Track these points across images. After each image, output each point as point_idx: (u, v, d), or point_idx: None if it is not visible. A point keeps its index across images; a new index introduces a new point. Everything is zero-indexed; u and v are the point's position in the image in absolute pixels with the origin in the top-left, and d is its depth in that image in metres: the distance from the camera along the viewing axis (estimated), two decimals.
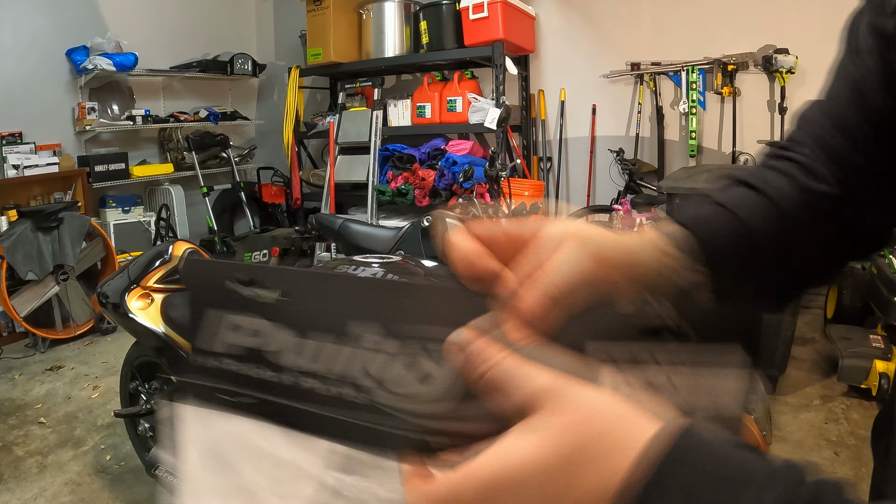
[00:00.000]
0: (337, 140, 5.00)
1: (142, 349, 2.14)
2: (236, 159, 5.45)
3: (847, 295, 3.44)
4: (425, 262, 1.52)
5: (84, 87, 4.52)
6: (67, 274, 3.75)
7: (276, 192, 5.71)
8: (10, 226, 3.64)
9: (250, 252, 4.89)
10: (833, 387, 2.97)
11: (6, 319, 3.80)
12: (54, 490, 2.35)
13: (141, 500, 2.27)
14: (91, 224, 3.92)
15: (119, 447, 2.62)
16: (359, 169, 4.85)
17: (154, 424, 2.17)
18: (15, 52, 4.21)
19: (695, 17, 4.18)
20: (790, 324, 2.78)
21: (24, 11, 4.26)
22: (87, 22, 4.55)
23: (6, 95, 4.15)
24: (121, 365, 2.30)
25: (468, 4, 4.26)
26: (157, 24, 5.13)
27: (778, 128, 4.04)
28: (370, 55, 4.88)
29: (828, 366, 3.19)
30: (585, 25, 4.70)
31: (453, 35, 4.51)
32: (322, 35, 4.81)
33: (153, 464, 1.89)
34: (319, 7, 4.78)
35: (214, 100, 5.65)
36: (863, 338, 2.93)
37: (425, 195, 4.45)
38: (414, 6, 4.78)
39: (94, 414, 2.94)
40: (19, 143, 4.07)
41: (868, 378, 2.76)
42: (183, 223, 4.95)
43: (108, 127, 4.55)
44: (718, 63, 4.11)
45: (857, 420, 2.69)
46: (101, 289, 2.11)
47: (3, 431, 2.81)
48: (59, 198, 4.15)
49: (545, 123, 4.93)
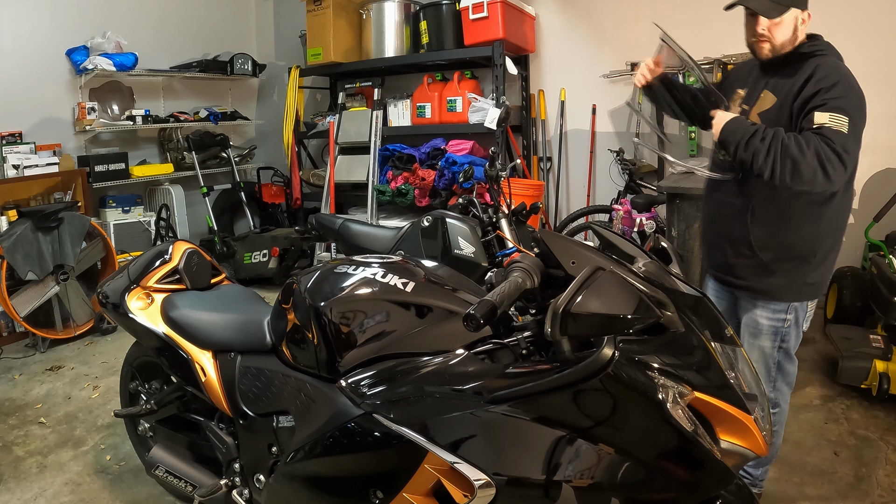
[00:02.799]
0: (337, 140, 5.00)
1: (142, 349, 2.13)
2: (236, 159, 5.46)
3: (847, 295, 3.44)
4: (425, 262, 1.52)
5: (84, 87, 4.53)
6: (67, 274, 3.75)
7: (276, 192, 5.71)
8: (10, 226, 3.64)
9: (250, 252, 4.90)
10: (833, 387, 2.97)
11: (6, 319, 3.80)
12: (54, 490, 2.35)
13: (141, 500, 2.27)
14: (91, 224, 3.92)
15: (119, 447, 2.62)
16: (359, 169, 4.85)
17: (154, 424, 2.17)
18: (15, 52, 4.21)
19: (695, 17, 4.18)
20: None
21: (24, 11, 4.26)
22: (87, 22, 4.55)
23: (6, 95, 4.15)
24: (121, 365, 2.30)
25: (468, 4, 4.26)
26: (157, 24, 5.13)
27: None
28: (370, 55, 4.88)
29: (828, 366, 3.19)
30: (585, 25, 4.70)
31: (453, 35, 4.50)
32: (322, 35, 4.81)
33: (153, 464, 1.88)
34: (319, 7, 4.78)
35: (214, 100, 5.65)
36: (863, 338, 2.93)
37: (425, 195, 4.45)
38: (414, 6, 4.78)
39: (94, 414, 2.94)
40: (19, 143, 4.07)
41: (868, 378, 2.76)
42: (183, 223, 4.95)
43: (108, 127, 4.55)
44: (718, 63, 4.11)
45: (857, 420, 2.69)
46: (101, 289, 2.11)
47: (3, 431, 2.81)
48: (59, 198, 4.15)
49: (545, 123, 4.93)
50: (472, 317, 1.07)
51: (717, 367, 1.13)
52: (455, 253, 2.60)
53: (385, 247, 2.83)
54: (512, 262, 1.23)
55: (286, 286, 1.64)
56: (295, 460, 1.46)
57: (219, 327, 1.80)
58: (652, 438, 1.09)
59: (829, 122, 1.69)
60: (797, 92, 1.78)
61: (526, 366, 1.19)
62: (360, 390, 1.29)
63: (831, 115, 1.69)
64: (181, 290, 2.03)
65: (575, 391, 1.08)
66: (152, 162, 5.06)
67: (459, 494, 1.17)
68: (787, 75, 1.85)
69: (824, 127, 1.67)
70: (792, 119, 1.80)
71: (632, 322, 1.03)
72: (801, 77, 1.80)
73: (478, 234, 2.60)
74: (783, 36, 1.82)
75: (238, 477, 1.77)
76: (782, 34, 1.82)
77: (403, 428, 1.21)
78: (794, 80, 1.81)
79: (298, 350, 1.53)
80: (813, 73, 1.77)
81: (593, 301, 1.03)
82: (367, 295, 1.40)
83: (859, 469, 2.35)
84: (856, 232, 3.97)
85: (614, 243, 1.35)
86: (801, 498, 2.19)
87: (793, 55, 1.84)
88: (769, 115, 1.84)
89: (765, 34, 1.84)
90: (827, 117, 1.70)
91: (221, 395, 1.73)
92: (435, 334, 1.31)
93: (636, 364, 1.07)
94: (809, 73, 1.78)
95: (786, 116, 1.81)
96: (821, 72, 1.77)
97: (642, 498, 1.15)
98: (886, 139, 3.85)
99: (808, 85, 1.76)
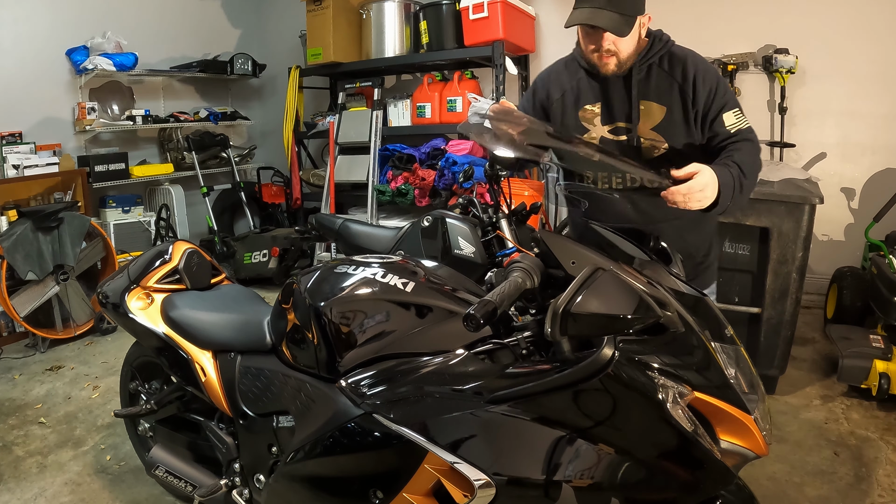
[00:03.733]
0: (337, 140, 5.00)
1: (142, 349, 2.13)
2: (236, 159, 5.46)
3: (847, 295, 3.44)
4: (425, 262, 1.52)
5: (84, 87, 4.52)
6: (67, 274, 3.75)
7: (276, 192, 5.71)
8: (10, 226, 3.64)
9: (250, 252, 4.90)
10: (833, 387, 2.97)
11: (6, 319, 3.80)
12: (54, 490, 2.35)
13: (141, 500, 2.27)
14: (91, 224, 3.92)
15: (119, 447, 2.62)
16: (359, 169, 4.85)
17: (154, 424, 2.17)
18: (15, 52, 4.21)
19: (695, 17, 4.18)
20: (790, 324, 2.78)
21: (24, 11, 4.26)
22: (87, 22, 4.55)
23: (6, 95, 4.15)
24: (121, 365, 2.30)
25: (468, 4, 4.26)
26: (157, 24, 5.13)
27: (778, 128, 4.04)
28: (370, 55, 4.87)
29: (828, 366, 3.19)
30: None
31: (453, 35, 4.50)
32: (322, 35, 4.81)
33: (153, 464, 1.88)
34: (319, 7, 4.78)
35: (214, 100, 5.65)
36: (863, 338, 2.93)
37: (425, 195, 4.45)
38: (414, 6, 4.78)
39: (94, 414, 2.94)
40: (19, 143, 4.07)
41: (868, 378, 2.76)
42: (183, 223, 4.95)
43: (108, 127, 4.55)
44: (718, 63, 4.11)
45: (857, 420, 2.69)
46: (101, 289, 2.11)
47: (3, 431, 2.81)
48: (59, 198, 4.15)
49: None
50: (472, 317, 1.07)
51: (717, 367, 1.13)
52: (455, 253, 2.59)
53: (385, 247, 2.83)
54: (512, 262, 1.23)
55: (286, 286, 1.64)
56: (295, 460, 1.46)
57: (219, 327, 1.80)
58: (652, 438, 1.09)
59: (738, 123, 1.70)
60: (691, 96, 1.68)
61: (526, 366, 1.19)
62: (360, 390, 1.29)
63: (734, 113, 1.69)
64: (181, 290, 2.03)
65: (575, 391, 1.09)
66: (152, 162, 5.05)
67: (459, 494, 1.17)
68: (661, 79, 1.72)
69: (741, 131, 1.68)
70: (690, 126, 1.71)
71: (632, 322, 1.03)
72: (677, 77, 1.70)
73: (478, 234, 2.60)
74: (629, 48, 1.67)
75: (238, 477, 1.78)
76: (628, 47, 1.66)
77: (403, 428, 1.21)
78: (672, 82, 1.71)
79: (298, 350, 1.53)
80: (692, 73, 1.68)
81: (593, 301, 1.03)
82: (367, 295, 1.40)
83: (859, 469, 2.35)
84: (856, 232, 3.97)
85: (614, 243, 1.35)
86: (801, 498, 2.19)
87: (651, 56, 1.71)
88: (664, 128, 1.72)
89: (612, 49, 1.65)
90: (734, 117, 1.70)
91: (221, 395, 1.73)
92: (435, 334, 1.31)
93: (636, 364, 1.07)
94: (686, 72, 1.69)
95: (681, 124, 1.72)
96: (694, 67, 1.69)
97: (642, 498, 1.15)
98: (886, 139, 3.85)
99: (698, 86, 1.67)
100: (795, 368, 3.16)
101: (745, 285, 2.89)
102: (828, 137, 4.02)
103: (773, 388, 2.92)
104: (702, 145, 1.75)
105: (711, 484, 1.12)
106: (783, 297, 2.75)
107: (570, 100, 1.83)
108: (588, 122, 1.80)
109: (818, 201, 2.64)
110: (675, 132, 1.72)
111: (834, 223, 4.08)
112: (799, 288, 2.74)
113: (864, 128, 3.90)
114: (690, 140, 1.74)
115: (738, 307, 2.85)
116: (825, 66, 3.91)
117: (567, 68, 1.88)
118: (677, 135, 1.73)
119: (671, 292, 1.16)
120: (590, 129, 1.80)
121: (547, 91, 1.91)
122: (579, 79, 1.82)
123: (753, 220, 2.74)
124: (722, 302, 2.83)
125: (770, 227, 2.71)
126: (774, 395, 2.90)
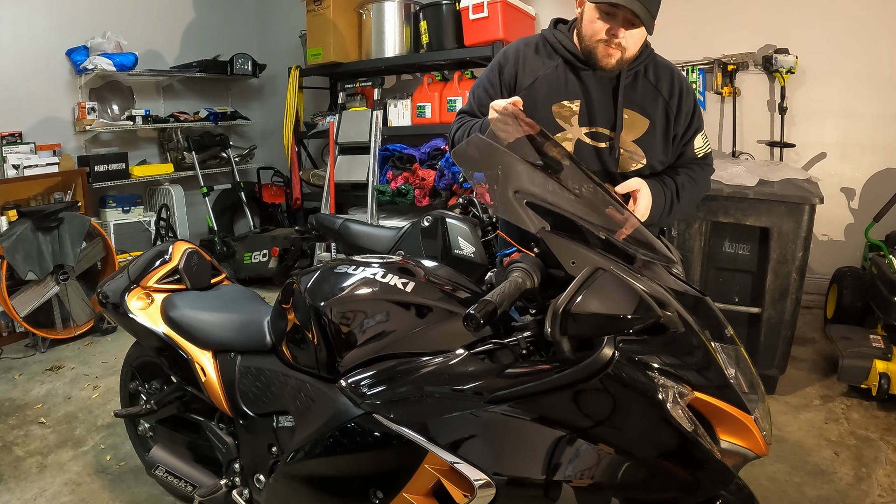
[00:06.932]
0: (337, 140, 5.00)
1: (142, 349, 2.13)
2: (236, 159, 5.46)
3: (847, 295, 3.44)
4: (425, 262, 1.52)
5: (84, 87, 4.52)
6: (67, 274, 3.75)
7: (276, 192, 5.71)
8: (10, 226, 3.64)
9: (250, 252, 4.90)
10: (833, 387, 2.97)
11: (6, 319, 3.80)
12: (54, 490, 2.35)
13: (141, 500, 2.27)
14: (91, 224, 3.92)
15: (119, 447, 2.62)
16: (359, 169, 4.85)
17: (154, 424, 2.17)
18: (15, 52, 4.21)
19: (695, 17, 4.18)
20: (790, 324, 2.78)
21: (24, 11, 4.26)
22: (87, 22, 4.55)
23: (6, 95, 4.15)
24: (121, 365, 2.30)
25: (468, 4, 4.26)
26: (157, 24, 5.13)
27: (778, 128, 4.04)
28: (370, 55, 4.87)
29: (828, 366, 3.19)
30: None
31: (453, 35, 4.50)
32: (322, 35, 4.81)
33: (153, 464, 1.88)
34: (319, 7, 4.78)
35: (214, 100, 5.64)
36: (863, 338, 2.93)
37: (425, 195, 4.45)
38: (414, 6, 4.78)
39: (94, 414, 2.94)
40: (19, 143, 4.07)
41: (868, 378, 2.76)
42: (183, 223, 4.95)
43: (108, 127, 4.55)
44: (718, 63, 4.11)
45: (857, 420, 2.69)
46: (101, 289, 2.11)
47: (3, 431, 2.81)
48: (59, 198, 4.15)
49: None
50: (472, 317, 1.07)
51: (717, 367, 1.13)
52: (455, 253, 2.60)
53: (385, 247, 2.83)
54: (512, 262, 1.22)
55: (286, 286, 1.64)
56: (295, 460, 1.46)
57: (219, 327, 1.80)
58: (652, 438, 1.09)
59: (704, 146, 1.72)
60: (675, 114, 1.64)
61: (526, 366, 1.19)
62: (360, 390, 1.29)
63: (703, 136, 1.71)
64: (181, 290, 2.03)
65: (575, 391, 1.08)
66: (152, 162, 5.05)
67: (459, 494, 1.17)
68: (646, 90, 1.64)
69: (707, 155, 1.73)
70: (668, 144, 1.67)
71: (632, 322, 1.03)
72: (663, 91, 1.64)
73: (478, 234, 2.60)
74: (636, 49, 1.55)
75: (238, 477, 1.78)
76: (636, 46, 1.55)
77: (403, 428, 1.21)
78: (658, 96, 1.64)
79: (298, 350, 1.53)
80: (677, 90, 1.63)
81: (593, 301, 1.03)
82: (367, 295, 1.40)
83: (859, 469, 2.35)
84: (856, 232, 3.97)
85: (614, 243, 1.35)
86: (801, 498, 2.19)
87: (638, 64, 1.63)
88: (645, 141, 1.64)
89: (623, 43, 1.51)
90: (702, 140, 1.71)
91: (221, 395, 1.73)
92: (435, 334, 1.31)
93: (636, 364, 1.07)
94: (672, 88, 1.64)
95: (661, 141, 1.66)
96: (679, 84, 1.65)
97: (642, 498, 1.15)
98: (886, 139, 3.85)
99: (682, 106, 1.64)
100: (795, 368, 3.16)
101: (745, 285, 2.89)
102: (828, 137, 4.02)
103: (773, 388, 2.92)
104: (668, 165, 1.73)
105: (711, 484, 1.12)
106: (783, 297, 2.75)
107: (543, 90, 1.64)
108: (564, 121, 1.63)
109: (818, 201, 2.64)
110: (654, 148, 1.66)
111: (834, 223, 4.08)
112: (799, 288, 2.74)
113: (863, 128, 3.90)
114: (664, 158, 1.69)
115: (738, 307, 2.86)
116: (825, 66, 3.91)
117: (538, 53, 1.67)
118: (656, 151, 1.66)
119: (671, 292, 1.16)
120: (565, 129, 1.63)
121: (515, 73, 1.67)
122: (556, 68, 1.64)
123: (753, 220, 2.74)
124: (722, 302, 2.83)
125: (770, 227, 2.71)
126: (774, 395, 2.90)
